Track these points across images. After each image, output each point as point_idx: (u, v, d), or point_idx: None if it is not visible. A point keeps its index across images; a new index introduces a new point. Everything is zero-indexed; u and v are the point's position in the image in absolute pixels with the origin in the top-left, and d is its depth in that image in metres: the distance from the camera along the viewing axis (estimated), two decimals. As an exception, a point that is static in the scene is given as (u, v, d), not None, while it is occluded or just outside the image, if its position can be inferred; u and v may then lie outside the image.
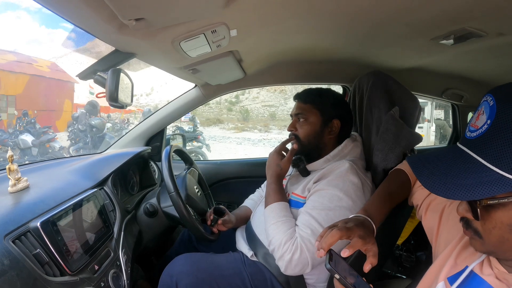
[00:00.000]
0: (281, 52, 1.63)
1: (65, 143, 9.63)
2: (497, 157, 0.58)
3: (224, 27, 1.02)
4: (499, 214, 0.60)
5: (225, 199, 2.26)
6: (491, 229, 0.62)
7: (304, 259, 1.13)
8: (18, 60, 16.85)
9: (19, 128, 9.64)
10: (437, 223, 0.95)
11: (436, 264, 0.84)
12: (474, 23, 1.16)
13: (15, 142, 8.71)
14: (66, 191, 1.14)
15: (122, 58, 1.13)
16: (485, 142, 0.60)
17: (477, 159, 0.61)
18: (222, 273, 1.28)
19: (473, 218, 0.65)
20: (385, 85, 1.47)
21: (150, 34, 0.98)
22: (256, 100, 30.55)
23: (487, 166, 0.59)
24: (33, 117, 9.92)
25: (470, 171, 0.61)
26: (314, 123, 1.42)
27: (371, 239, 0.91)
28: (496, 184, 0.57)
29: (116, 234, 1.20)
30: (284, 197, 1.33)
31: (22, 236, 0.84)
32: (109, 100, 1.11)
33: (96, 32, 0.94)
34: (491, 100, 0.62)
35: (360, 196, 1.22)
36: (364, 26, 1.23)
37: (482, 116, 0.63)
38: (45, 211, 0.95)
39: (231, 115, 28.27)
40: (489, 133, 0.60)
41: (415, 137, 1.38)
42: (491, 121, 0.60)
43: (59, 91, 18.21)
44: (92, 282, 0.94)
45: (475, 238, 0.67)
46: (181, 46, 1.08)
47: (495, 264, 0.69)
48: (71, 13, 0.84)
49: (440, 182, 0.63)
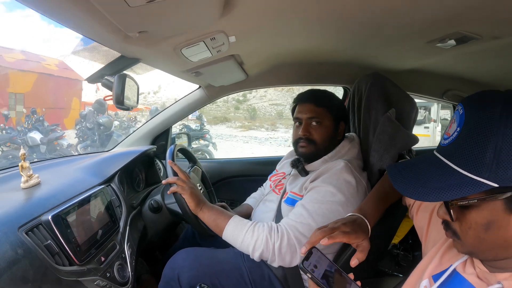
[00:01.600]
0: (281, 54, 1.66)
1: (73, 141, 9.64)
2: (465, 161, 0.61)
3: (222, 34, 1.06)
4: (473, 215, 0.64)
5: (228, 197, 2.30)
6: (467, 229, 0.65)
7: (292, 245, 1.15)
8: (27, 59, 16.92)
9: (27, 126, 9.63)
10: (427, 223, 0.98)
11: (423, 262, 0.88)
12: (468, 27, 1.17)
13: (23, 140, 8.74)
14: (75, 187, 1.19)
15: (128, 63, 1.19)
16: (455, 148, 0.64)
17: (448, 164, 0.64)
18: (222, 267, 1.33)
19: (450, 220, 0.68)
20: (382, 87, 1.50)
21: (153, 43, 1.04)
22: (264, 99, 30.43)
23: (457, 170, 0.62)
24: (41, 115, 9.93)
25: (440, 175, 0.64)
26: (328, 127, 1.44)
27: (361, 235, 0.96)
28: (465, 186, 0.60)
29: (122, 229, 1.25)
30: (229, 212, 1.32)
31: (34, 228, 0.89)
32: (115, 103, 1.17)
33: (103, 41, 0.99)
34: (461, 109, 0.66)
35: (354, 194, 1.26)
36: (361, 29, 1.26)
37: (454, 125, 0.67)
38: (56, 206, 1.00)
39: (238, 113, 28.18)
40: (458, 140, 0.64)
41: (411, 139, 1.40)
42: (460, 128, 0.64)
43: (67, 89, 18.25)
44: (99, 272, 0.99)
45: (455, 239, 0.70)
46: (182, 53, 1.13)
47: (477, 264, 0.71)
48: (79, 25, 0.89)
49: (412, 185, 0.67)
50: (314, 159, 1.44)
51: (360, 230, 0.98)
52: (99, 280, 0.98)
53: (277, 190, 1.58)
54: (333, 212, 1.20)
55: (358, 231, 0.97)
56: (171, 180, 1.31)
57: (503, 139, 0.57)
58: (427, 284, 0.80)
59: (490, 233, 0.63)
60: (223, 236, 1.25)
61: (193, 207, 1.28)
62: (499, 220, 0.61)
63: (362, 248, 0.94)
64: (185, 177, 1.35)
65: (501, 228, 0.61)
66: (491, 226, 0.62)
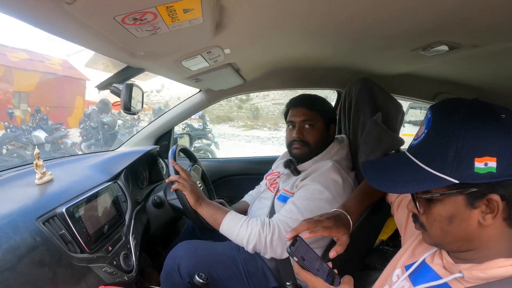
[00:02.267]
0: (275, 61, 1.73)
1: (76, 140, 9.48)
2: (430, 159, 0.69)
3: (217, 48, 1.15)
4: (437, 207, 0.71)
5: (227, 195, 2.37)
6: (433, 222, 0.73)
7: (283, 238, 1.25)
8: (30, 58, 16.67)
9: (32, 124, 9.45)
10: (405, 219, 1.05)
11: (398, 253, 0.95)
12: (448, 36, 1.22)
13: (28, 139, 8.63)
14: (85, 183, 1.29)
15: (134, 72, 1.29)
16: (422, 147, 0.72)
17: (415, 161, 0.72)
18: (219, 258, 1.42)
19: (418, 213, 0.76)
20: (370, 92, 1.57)
21: (155, 58, 1.14)
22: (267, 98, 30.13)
23: (421, 166, 0.70)
24: (45, 114, 9.75)
25: (407, 170, 0.72)
26: (320, 129, 1.53)
27: (342, 229, 1.05)
28: (429, 181, 0.67)
29: (127, 222, 1.34)
30: (226, 208, 1.41)
31: (50, 219, 0.99)
32: (124, 110, 1.27)
33: (110, 55, 1.09)
34: (429, 114, 0.73)
35: (340, 192, 1.35)
36: (350, 38, 1.30)
37: (422, 127, 0.74)
38: (68, 200, 1.10)
39: (241, 113, 27.92)
40: (425, 140, 0.71)
41: (397, 141, 1.47)
42: (427, 130, 0.72)
43: (70, 88, 17.98)
44: (106, 260, 1.09)
45: (423, 231, 0.78)
46: (182, 64, 1.23)
47: (444, 256, 0.77)
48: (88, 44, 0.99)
49: (381, 178, 0.75)
50: (307, 159, 1.52)
51: (342, 225, 1.07)
52: (107, 267, 1.08)
53: (272, 188, 1.67)
54: (321, 209, 1.29)
55: (340, 225, 1.05)
56: (173, 178, 1.41)
57: (463, 141, 0.64)
58: (399, 273, 0.87)
59: (453, 226, 0.69)
60: (220, 230, 1.34)
61: (193, 203, 1.38)
62: (461, 214, 0.68)
63: (341, 242, 1.04)
64: (186, 175, 1.45)
65: (463, 221, 0.68)
66: (453, 219, 0.69)
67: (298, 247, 0.89)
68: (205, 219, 1.39)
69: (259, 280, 1.40)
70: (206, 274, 1.31)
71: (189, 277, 1.32)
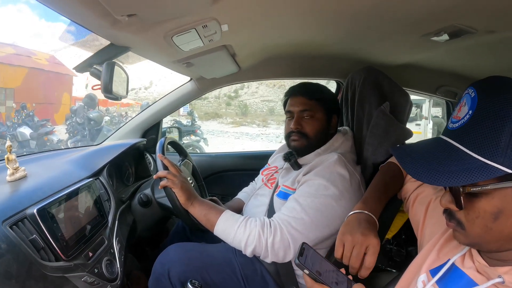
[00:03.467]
0: (275, 46, 1.64)
1: (63, 136, 9.66)
2: (478, 145, 0.59)
3: (215, 22, 1.04)
4: (482, 202, 0.61)
5: (219, 191, 2.29)
6: (475, 218, 0.63)
7: (285, 240, 1.14)
8: (17, 53, 16.81)
9: (17, 121, 9.63)
10: (423, 216, 0.97)
11: (420, 256, 0.86)
12: (464, 20, 1.16)
13: (13, 135, 8.73)
14: (63, 180, 1.17)
15: (117, 51, 1.16)
16: (467, 131, 0.62)
17: (460, 147, 0.62)
18: (213, 262, 1.32)
19: (456, 209, 0.66)
20: (376, 81, 1.49)
21: (143, 29, 1.01)
22: (255, 95, 30.48)
23: (469, 154, 0.60)
24: (31, 110, 9.92)
25: (453, 159, 0.62)
26: (320, 119, 1.44)
27: (376, 239, 0.96)
28: (478, 171, 0.58)
29: (111, 223, 1.23)
30: (220, 207, 1.31)
31: (19, 222, 0.87)
32: (103, 92, 1.14)
33: (91, 26, 0.97)
34: (472, 92, 0.63)
35: (347, 188, 1.25)
36: (355, 22, 1.24)
37: (464, 108, 0.64)
38: (42, 199, 0.98)
39: (229, 109, 28.21)
40: (471, 123, 0.61)
41: (405, 132, 1.40)
42: (472, 111, 0.62)
43: (57, 84, 18.18)
44: (86, 268, 0.97)
45: (458, 229, 0.67)
46: (173, 41, 1.11)
47: (476, 257, 0.69)
48: (66, 9, 0.87)
49: (423, 168, 0.64)
50: (306, 152, 1.43)
51: (375, 230, 0.99)
52: (87, 276, 0.96)
53: (269, 184, 1.57)
54: (327, 206, 1.19)
55: (373, 236, 0.97)
56: (162, 174, 1.29)
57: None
58: (425, 279, 0.78)
59: (498, 223, 0.61)
60: (215, 232, 1.23)
61: (184, 202, 1.26)
62: (509, 209, 0.59)
63: (373, 250, 0.95)
64: (175, 171, 1.33)
65: (510, 217, 0.60)
66: (500, 216, 0.60)
67: (307, 256, 0.78)
68: (197, 219, 1.28)
69: (257, 285, 1.31)
70: (200, 281, 1.21)
71: (181, 285, 1.23)
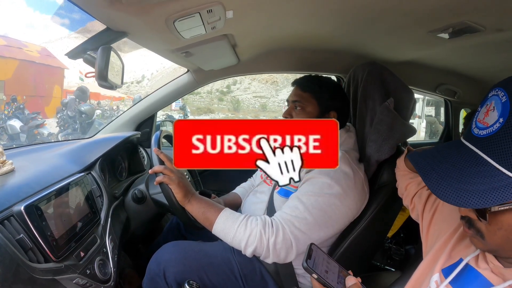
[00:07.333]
0: (276, 38, 1.60)
1: (54, 129, 9.57)
2: (511, 160, 0.54)
3: (220, 7, 0.99)
4: (506, 216, 0.58)
5: (215, 187, 2.22)
6: (496, 230, 0.60)
7: (288, 240, 1.10)
8: (8, 45, 16.59)
9: (7, 113, 9.52)
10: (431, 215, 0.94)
11: (431, 256, 0.83)
12: (474, 17, 1.14)
13: (3, 128, 8.62)
14: (52, 174, 1.11)
15: (113, 37, 1.09)
16: (497, 142, 0.57)
17: (489, 161, 0.58)
18: (211, 261, 1.27)
19: (476, 218, 0.63)
20: (380, 76, 1.46)
21: (144, 10, 0.94)
22: (248, 91, 30.53)
23: (500, 170, 0.56)
24: (22, 103, 9.82)
25: (482, 175, 0.57)
26: (311, 113, 1.39)
27: None
28: (508, 189, 0.54)
29: (103, 221, 1.18)
30: (219, 205, 1.24)
31: (5, 221, 0.81)
32: (98, 79, 1.06)
33: (87, 6, 0.90)
34: (503, 96, 0.57)
35: (351, 186, 1.21)
36: (362, 14, 1.21)
37: (493, 113, 0.59)
38: (30, 195, 0.92)
39: (222, 105, 28.23)
40: (502, 133, 0.56)
41: (409, 129, 1.38)
42: (504, 119, 0.56)
43: (48, 77, 18.01)
44: (78, 269, 0.91)
45: (477, 237, 0.64)
46: (175, 26, 1.05)
47: (490, 259, 0.67)
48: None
49: (451, 188, 0.59)
50: None
51: None
52: (78, 278, 0.90)
53: (269, 181, 1.52)
54: (331, 205, 1.16)
55: None
56: (158, 169, 1.22)
57: None
58: (438, 279, 0.76)
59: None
60: (213, 231, 1.17)
61: (181, 198, 1.19)
62: None
63: None
64: (172, 166, 1.27)
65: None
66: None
67: (315, 258, 0.74)
68: (194, 217, 1.22)
69: (257, 285, 1.28)
70: (198, 282, 1.16)
71: (177, 285, 1.18)
